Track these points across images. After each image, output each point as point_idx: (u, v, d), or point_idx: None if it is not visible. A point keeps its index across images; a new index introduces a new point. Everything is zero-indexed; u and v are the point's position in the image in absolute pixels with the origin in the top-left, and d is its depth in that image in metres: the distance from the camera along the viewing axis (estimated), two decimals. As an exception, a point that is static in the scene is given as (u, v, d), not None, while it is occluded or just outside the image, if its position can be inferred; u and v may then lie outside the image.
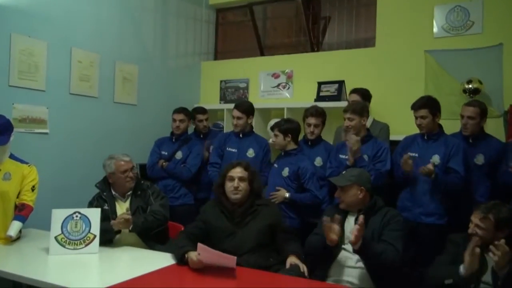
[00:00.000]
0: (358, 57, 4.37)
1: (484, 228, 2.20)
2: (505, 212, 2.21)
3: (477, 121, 3.06)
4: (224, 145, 3.66)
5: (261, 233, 2.47)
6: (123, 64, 4.15)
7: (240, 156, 3.47)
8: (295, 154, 3.28)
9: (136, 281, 2.07)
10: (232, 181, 2.55)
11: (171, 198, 3.69)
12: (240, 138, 3.64)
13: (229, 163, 2.73)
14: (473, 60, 3.78)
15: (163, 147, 3.91)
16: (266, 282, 2.19)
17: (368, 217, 2.44)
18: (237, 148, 3.60)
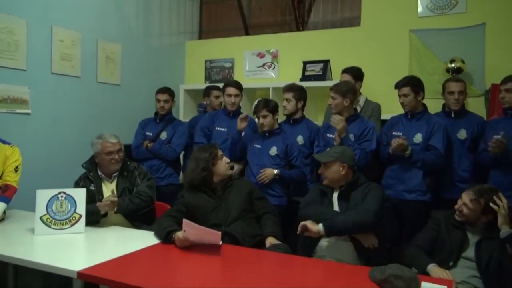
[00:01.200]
0: (343, 36, 4.37)
1: (471, 209, 2.27)
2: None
3: (465, 95, 3.14)
4: (212, 125, 3.63)
5: (243, 200, 2.60)
6: (105, 43, 4.08)
7: (231, 135, 3.48)
8: (279, 133, 3.33)
9: (122, 260, 2.09)
10: (223, 158, 2.67)
11: (157, 178, 3.66)
12: (231, 117, 3.60)
13: (203, 148, 2.75)
14: (457, 39, 3.82)
15: (148, 127, 3.88)
16: (252, 259, 2.23)
17: (349, 192, 2.50)
18: (227, 127, 3.58)
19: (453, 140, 3.11)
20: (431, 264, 2.19)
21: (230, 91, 3.59)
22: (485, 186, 2.38)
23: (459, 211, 2.31)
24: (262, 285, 1.88)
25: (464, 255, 2.25)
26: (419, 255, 2.29)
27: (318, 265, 2.25)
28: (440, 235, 2.36)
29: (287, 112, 3.45)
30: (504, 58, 3.63)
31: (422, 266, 2.18)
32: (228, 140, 3.49)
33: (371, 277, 1.85)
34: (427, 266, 2.17)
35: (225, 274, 2.07)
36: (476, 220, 2.29)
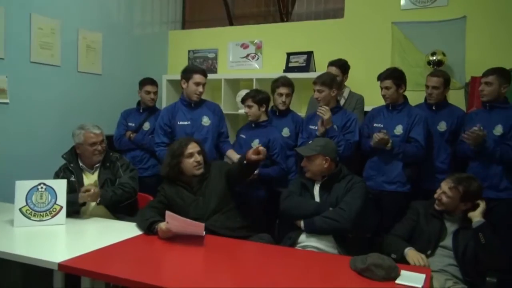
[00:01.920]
0: (327, 28, 4.38)
1: (450, 197, 2.32)
2: (474, 187, 2.33)
3: (441, 90, 3.17)
4: (174, 120, 3.29)
5: (220, 192, 2.58)
6: (86, 31, 4.00)
7: (195, 128, 3.27)
8: (265, 126, 3.30)
9: (104, 251, 2.08)
10: (193, 157, 2.61)
11: (140, 169, 3.66)
12: (192, 108, 3.32)
13: (179, 141, 2.72)
14: (438, 32, 3.86)
15: (130, 118, 3.85)
16: (234, 249, 2.24)
17: (332, 184, 2.53)
18: (190, 120, 3.30)
19: (433, 132, 3.17)
20: (408, 247, 2.24)
21: (199, 80, 3.23)
22: (463, 174, 2.44)
23: (439, 200, 2.36)
24: (245, 275, 1.90)
25: (442, 244, 2.31)
26: (397, 241, 2.35)
27: (300, 254, 2.27)
28: (418, 225, 2.41)
29: (285, 107, 3.39)
30: (484, 52, 3.69)
31: (400, 250, 2.23)
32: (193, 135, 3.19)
33: (352, 266, 1.89)
34: (404, 249, 2.22)
35: (208, 264, 2.07)
36: (455, 209, 2.34)
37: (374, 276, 1.78)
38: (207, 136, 3.26)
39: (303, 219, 2.48)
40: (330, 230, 2.41)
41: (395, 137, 3.03)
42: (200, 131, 3.25)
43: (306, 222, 2.46)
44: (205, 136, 3.25)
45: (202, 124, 3.29)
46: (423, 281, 1.77)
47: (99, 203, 2.66)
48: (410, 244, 2.33)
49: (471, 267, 2.22)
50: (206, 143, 3.16)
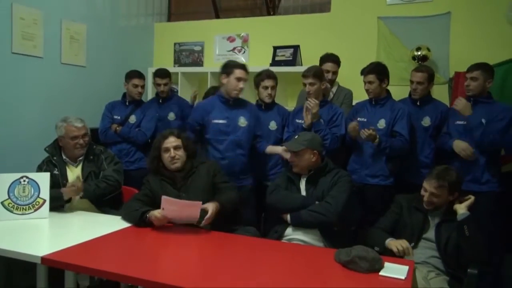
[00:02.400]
0: (314, 22, 4.38)
1: (440, 196, 2.34)
2: (454, 176, 2.36)
3: (426, 85, 3.21)
4: (208, 117, 3.06)
5: (204, 190, 2.54)
6: (70, 22, 3.93)
7: (231, 128, 3.04)
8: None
9: (88, 244, 2.06)
10: (168, 152, 2.58)
11: (126, 162, 3.65)
12: (230, 106, 3.07)
13: (161, 134, 2.69)
14: (423, 27, 3.90)
15: (115, 111, 3.80)
16: (223, 242, 2.24)
17: (318, 178, 2.55)
18: (226, 118, 3.06)
19: (417, 127, 3.21)
20: (389, 239, 2.27)
21: (240, 75, 3.04)
22: (439, 169, 2.41)
23: (429, 202, 2.35)
24: (231, 267, 1.90)
25: (425, 236, 2.35)
26: (379, 233, 2.38)
27: (286, 247, 2.28)
28: (402, 218, 2.45)
29: (272, 100, 3.39)
30: (468, 47, 3.74)
31: (382, 242, 2.26)
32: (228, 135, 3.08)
33: (337, 259, 1.90)
34: (385, 241, 2.26)
35: (194, 257, 2.07)
36: (444, 203, 2.37)
37: (358, 268, 1.81)
38: (242, 138, 3.06)
39: (289, 213, 2.49)
40: (316, 224, 2.43)
41: (378, 131, 3.05)
42: (236, 132, 3.05)
43: (292, 215, 2.47)
44: (240, 138, 3.05)
45: (238, 124, 3.07)
46: (406, 272, 1.79)
47: (82, 197, 2.63)
48: (395, 237, 2.35)
49: (453, 259, 2.26)
50: (241, 146, 3.05)
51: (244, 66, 3.07)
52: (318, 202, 2.47)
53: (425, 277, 2.12)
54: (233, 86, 3.00)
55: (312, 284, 1.73)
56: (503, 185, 2.92)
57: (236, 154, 3.03)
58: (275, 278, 1.78)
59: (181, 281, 1.68)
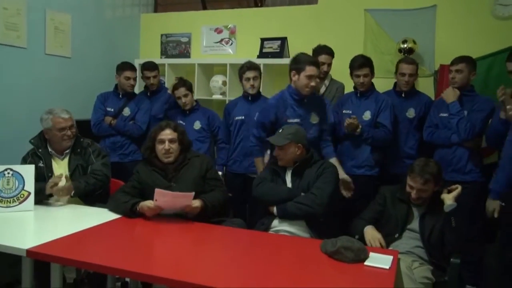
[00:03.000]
0: (301, 14, 4.38)
1: (427, 190, 2.36)
2: (436, 167, 2.38)
3: (415, 77, 3.27)
4: (282, 116, 2.90)
5: (195, 182, 2.54)
6: (54, 12, 3.87)
7: (305, 126, 2.84)
8: (198, 109, 3.63)
9: (74, 237, 2.05)
10: (163, 144, 2.57)
11: (121, 155, 3.66)
12: (303, 104, 2.91)
13: (158, 124, 2.70)
14: (409, 20, 3.92)
15: (108, 103, 3.75)
16: (210, 234, 2.25)
17: (303, 169, 2.56)
18: (299, 117, 2.90)
19: (402, 119, 3.25)
20: (368, 226, 2.33)
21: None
22: (419, 163, 2.40)
23: (419, 198, 2.37)
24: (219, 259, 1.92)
25: (409, 227, 2.39)
26: (360, 224, 2.42)
27: (272, 239, 2.30)
28: (386, 209, 2.48)
29: (255, 91, 3.41)
30: (453, 40, 3.77)
31: (361, 230, 2.31)
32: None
33: (323, 249, 1.93)
34: (364, 228, 2.31)
35: (181, 248, 2.07)
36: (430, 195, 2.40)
37: (344, 258, 1.83)
38: (315, 135, 2.92)
39: (275, 205, 2.51)
40: (303, 215, 2.45)
41: (363, 122, 3.10)
42: (309, 130, 2.86)
43: (278, 207, 2.49)
44: (314, 135, 2.90)
45: (310, 121, 2.91)
46: (390, 262, 1.83)
47: (73, 196, 2.61)
48: (379, 228, 2.40)
49: (437, 249, 2.30)
50: (314, 143, 2.88)
51: (316, 62, 2.83)
52: (303, 193, 2.49)
53: (409, 266, 2.16)
54: (304, 84, 2.78)
55: (298, 275, 1.75)
56: (485, 176, 2.98)
57: None
58: (262, 269, 1.79)
59: (169, 272, 1.69)
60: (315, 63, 2.80)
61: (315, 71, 2.77)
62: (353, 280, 1.73)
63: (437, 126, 3.11)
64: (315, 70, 2.77)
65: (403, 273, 2.02)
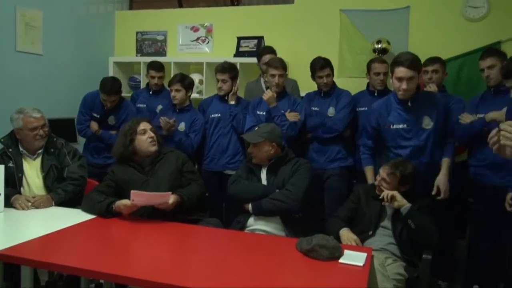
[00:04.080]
0: (277, 13, 4.39)
1: (389, 183, 2.44)
2: (410, 169, 2.46)
3: (387, 76, 3.33)
4: (386, 121, 2.79)
5: (172, 176, 2.55)
6: (24, 9, 3.77)
7: (413, 133, 2.66)
8: (188, 110, 3.49)
9: (46, 238, 2.01)
10: (146, 133, 2.58)
11: (104, 157, 3.61)
12: (408, 108, 2.66)
13: (131, 121, 2.68)
14: (383, 21, 3.98)
15: (95, 108, 3.62)
16: (186, 234, 2.24)
17: (278, 167, 2.58)
18: (406, 122, 2.68)
19: None
20: (343, 228, 2.35)
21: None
22: (398, 159, 2.55)
23: (379, 186, 2.47)
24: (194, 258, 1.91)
25: (382, 225, 2.44)
26: (335, 223, 2.45)
27: (248, 238, 2.30)
28: (360, 207, 2.53)
29: (223, 93, 3.42)
30: (426, 41, 3.85)
31: (336, 232, 2.33)
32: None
33: (298, 247, 1.94)
34: (339, 231, 2.33)
35: (157, 249, 2.05)
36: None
37: (319, 256, 1.85)
38: (424, 143, 2.65)
39: (251, 202, 2.51)
40: (278, 211, 2.46)
41: (328, 118, 3.25)
42: (419, 137, 2.63)
43: (253, 205, 2.50)
44: (422, 143, 2.64)
45: (422, 127, 2.63)
46: (364, 259, 1.85)
47: (54, 205, 2.57)
48: (353, 225, 2.44)
49: (408, 245, 2.35)
50: (425, 150, 2.64)
51: (405, 62, 2.51)
52: (278, 190, 2.51)
53: (382, 263, 2.20)
54: (395, 87, 2.61)
55: (274, 274, 1.76)
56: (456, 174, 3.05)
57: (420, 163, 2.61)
58: (237, 269, 1.80)
59: (144, 273, 1.67)
60: (404, 63, 2.51)
61: (405, 73, 2.50)
62: (327, 278, 1.75)
63: None
64: (405, 72, 2.50)
65: (377, 270, 2.05)
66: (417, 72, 2.55)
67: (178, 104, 3.46)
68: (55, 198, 2.57)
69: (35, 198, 2.53)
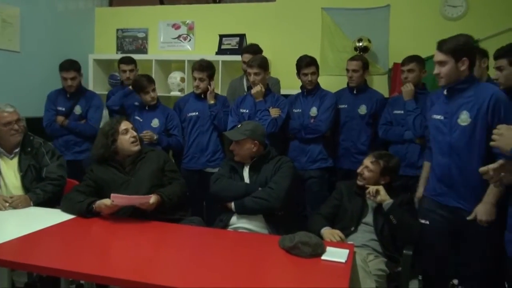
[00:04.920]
0: (259, 11, 4.39)
1: (372, 170, 2.49)
2: (393, 163, 2.52)
3: (361, 73, 3.37)
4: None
5: (153, 175, 2.52)
6: (1, 4, 3.67)
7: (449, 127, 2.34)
8: (158, 107, 3.50)
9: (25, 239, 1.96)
10: (129, 133, 2.54)
11: (76, 153, 3.55)
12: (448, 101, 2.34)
13: (111, 120, 2.65)
14: (364, 19, 4.02)
15: (59, 102, 3.61)
16: (168, 233, 2.22)
17: (261, 165, 2.59)
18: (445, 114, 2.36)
19: (354, 115, 3.38)
20: (324, 228, 2.35)
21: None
22: (384, 151, 2.63)
23: (360, 174, 2.51)
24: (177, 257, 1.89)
25: (364, 221, 2.46)
26: (317, 221, 2.45)
27: (231, 236, 2.30)
28: (342, 204, 2.55)
29: (200, 91, 3.41)
30: (406, 39, 3.90)
31: (318, 230, 2.33)
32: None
33: (281, 245, 1.95)
34: (320, 230, 2.33)
35: (138, 248, 2.03)
36: (376, 183, 2.49)
37: (302, 253, 1.86)
38: (458, 141, 2.25)
39: (233, 201, 2.51)
40: (260, 210, 2.46)
41: (311, 118, 3.25)
42: (453, 133, 2.25)
43: (236, 203, 2.50)
44: (455, 140, 2.26)
45: (457, 122, 2.24)
46: (346, 256, 1.87)
47: (33, 205, 2.52)
48: (336, 222, 2.46)
49: (389, 241, 2.38)
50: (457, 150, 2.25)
51: (439, 46, 2.31)
52: (261, 188, 2.51)
53: (364, 259, 2.22)
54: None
55: (257, 271, 1.76)
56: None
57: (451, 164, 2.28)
58: (220, 267, 1.79)
59: (125, 273, 1.65)
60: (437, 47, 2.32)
61: (435, 56, 2.31)
62: (310, 275, 1.75)
63: (391, 123, 3.22)
64: (435, 55, 2.31)
65: (359, 266, 2.07)
66: (454, 58, 2.21)
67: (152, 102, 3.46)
68: (33, 198, 2.53)
69: (12, 198, 2.47)
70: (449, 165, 2.26)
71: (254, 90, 3.19)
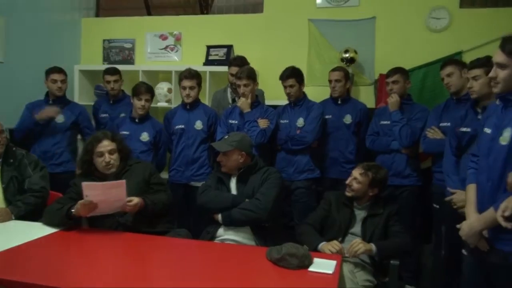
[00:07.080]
0: (247, 22, 4.41)
1: (360, 182, 2.48)
2: (382, 174, 2.52)
3: (343, 83, 3.40)
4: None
5: (138, 187, 2.46)
6: (-15, 14, 3.64)
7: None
8: (148, 119, 3.44)
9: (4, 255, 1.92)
10: (103, 157, 2.45)
11: (52, 165, 3.43)
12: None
13: (94, 136, 2.58)
14: (350, 31, 4.07)
15: (37, 111, 3.51)
16: (154, 245, 2.19)
17: (248, 176, 2.58)
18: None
19: (340, 125, 3.40)
20: (322, 242, 2.30)
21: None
22: (372, 163, 2.63)
23: (349, 186, 2.51)
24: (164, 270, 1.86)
25: (352, 231, 2.45)
26: (311, 234, 2.42)
27: (218, 248, 2.28)
28: (330, 214, 2.54)
29: (191, 100, 3.36)
30: (391, 50, 3.96)
31: (313, 245, 2.30)
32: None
33: (268, 256, 1.93)
34: (318, 244, 2.29)
35: (125, 261, 2.00)
36: (364, 194, 2.49)
37: (289, 265, 1.84)
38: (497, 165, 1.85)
39: (220, 213, 2.49)
40: (248, 221, 2.45)
41: (297, 129, 3.25)
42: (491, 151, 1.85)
43: (223, 215, 2.48)
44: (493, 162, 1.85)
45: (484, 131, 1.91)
46: (333, 267, 1.86)
47: (14, 218, 2.46)
48: (323, 233, 2.45)
49: (377, 252, 2.37)
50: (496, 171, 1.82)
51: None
52: (248, 200, 2.49)
53: (352, 270, 2.21)
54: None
55: (243, 283, 1.74)
56: (421, 180, 3.13)
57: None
58: (208, 279, 1.77)
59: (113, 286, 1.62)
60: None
61: (187, 83, 3.31)
62: (297, 287, 1.74)
63: (378, 133, 3.24)
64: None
65: (346, 277, 2.07)
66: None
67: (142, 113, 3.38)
68: (14, 211, 2.47)
69: None
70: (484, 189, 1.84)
71: (240, 102, 3.19)
